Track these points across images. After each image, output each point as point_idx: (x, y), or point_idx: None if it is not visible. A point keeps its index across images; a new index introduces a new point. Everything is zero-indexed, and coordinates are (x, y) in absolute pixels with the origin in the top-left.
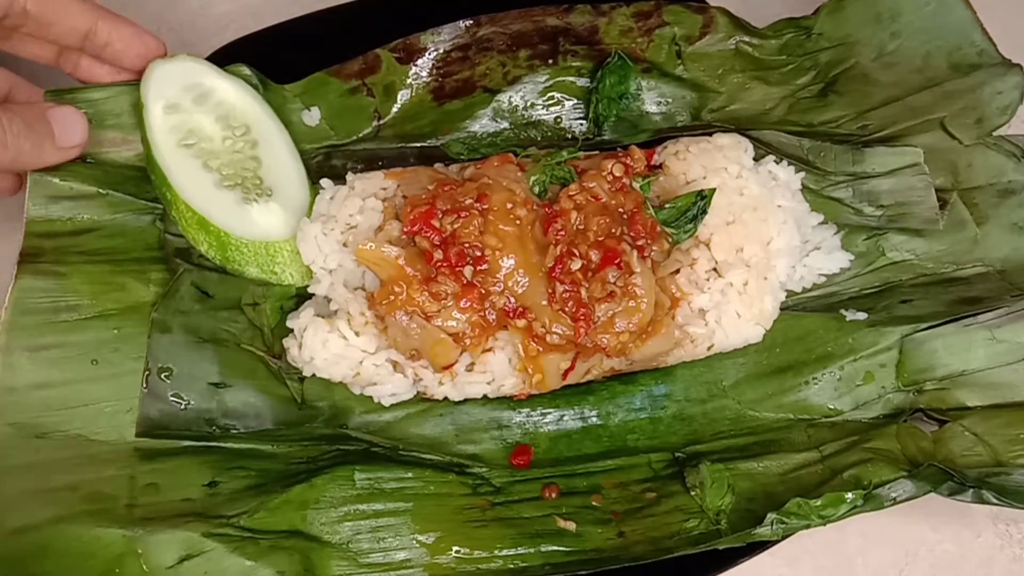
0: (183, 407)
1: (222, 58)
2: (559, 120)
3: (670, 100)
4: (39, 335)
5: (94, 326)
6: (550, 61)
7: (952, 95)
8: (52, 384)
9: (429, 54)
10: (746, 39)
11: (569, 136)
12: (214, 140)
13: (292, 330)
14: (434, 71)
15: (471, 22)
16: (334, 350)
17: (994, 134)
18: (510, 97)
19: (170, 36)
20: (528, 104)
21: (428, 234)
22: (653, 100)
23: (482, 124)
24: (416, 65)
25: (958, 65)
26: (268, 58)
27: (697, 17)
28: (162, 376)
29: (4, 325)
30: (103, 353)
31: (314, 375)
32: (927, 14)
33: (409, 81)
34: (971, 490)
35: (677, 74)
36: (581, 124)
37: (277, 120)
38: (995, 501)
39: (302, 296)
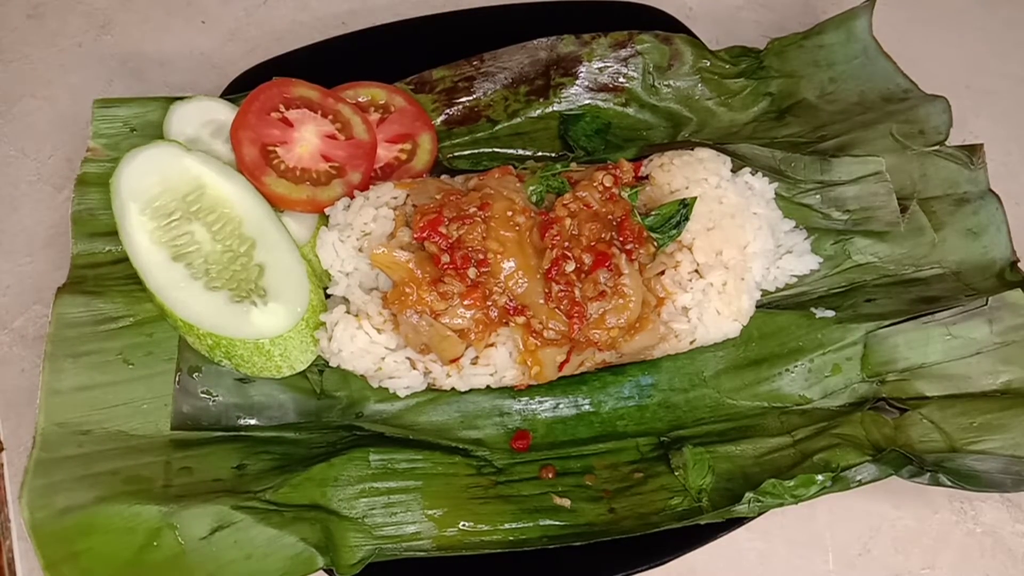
0: (212, 402)
1: (247, 80)
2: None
3: (647, 130)
4: (80, 343)
5: (130, 333)
6: (542, 99)
7: (893, 113)
8: (93, 386)
9: (440, 86)
10: (708, 64)
11: (562, 152)
12: (202, 242)
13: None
14: (444, 100)
15: (477, 61)
16: (360, 344)
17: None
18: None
19: (201, 60)
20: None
21: (436, 239)
22: (631, 128)
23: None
24: (428, 95)
25: (890, 99)
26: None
27: (664, 48)
28: (192, 374)
29: (49, 336)
30: (138, 356)
31: (339, 366)
32: (856, 65)
33: None
34: (928, 473)
35: (653, 103)
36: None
37: (274, 217)
38: (949, 484)
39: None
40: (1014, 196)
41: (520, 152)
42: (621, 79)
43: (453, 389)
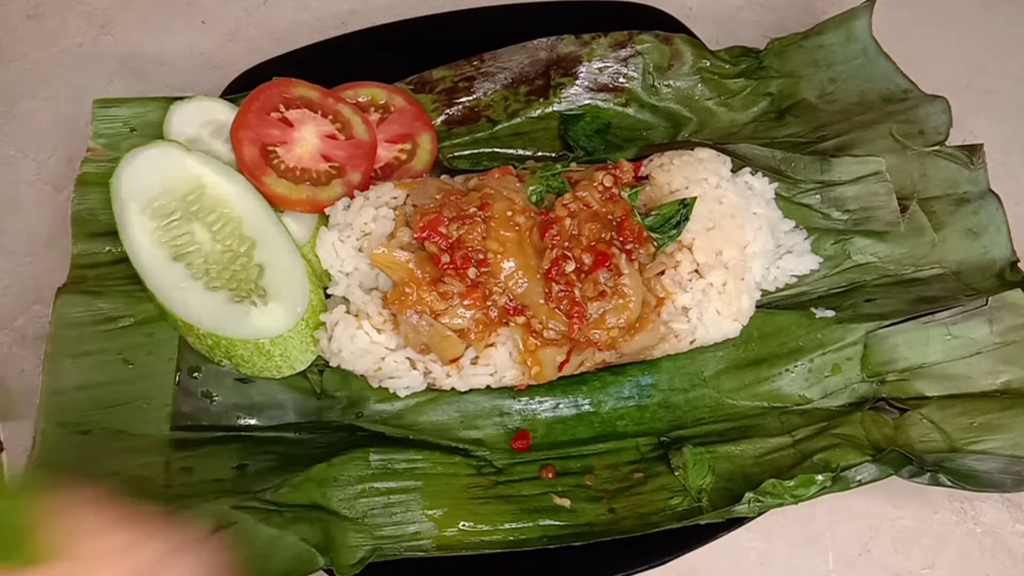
0: (212, 402)
1: (247, 80)
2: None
3: (647, 130)
4: (81, 343)
5: (130, 333)
6: (542, 99)
7: (893, 113)
8: (93, 386)
9: (440, 86)
10: (708, 64)
11: (562, 152)
12: (202, 242)
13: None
14: (444, 100)
15: (477, 61)
16: (360, 345)
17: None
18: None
19: (201, 60)
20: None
21: (436, 239)
22: (631, 128)
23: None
24: (428, 95)
25: (890, 99)
26: None
27: (664, 48)
28: (192, 374)
29: (49, 336)
30: (138, 356)
31: (339, 366)
32: (856, 65)
33: None
34: (928, 473)
35: (653, 103)
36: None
37: (274, 217)
38: (949, 484)
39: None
40: (1014, 196)
41: (520, 152)
42: (621, 79)
43: (453, 389)
